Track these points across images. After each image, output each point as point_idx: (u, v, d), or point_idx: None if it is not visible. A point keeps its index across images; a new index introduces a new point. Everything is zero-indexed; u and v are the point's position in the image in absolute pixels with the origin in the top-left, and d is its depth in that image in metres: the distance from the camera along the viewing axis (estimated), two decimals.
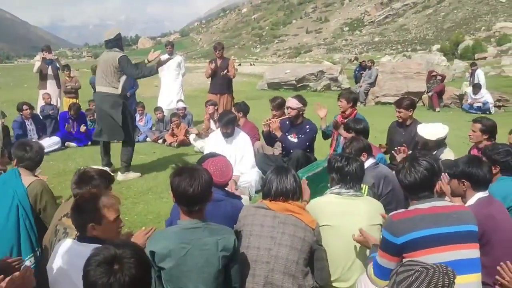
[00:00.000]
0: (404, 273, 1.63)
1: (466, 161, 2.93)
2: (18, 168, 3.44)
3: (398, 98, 13.91)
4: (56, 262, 2.28)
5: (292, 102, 5.42)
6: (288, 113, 5.48)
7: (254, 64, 46.76)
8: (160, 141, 8.62)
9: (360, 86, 15.01)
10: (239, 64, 46.52)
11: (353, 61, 41.70)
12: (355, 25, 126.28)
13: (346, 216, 2.94)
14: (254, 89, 19.80)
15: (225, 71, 8.34)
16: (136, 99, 10.58)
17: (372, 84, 14.99)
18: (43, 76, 9.58)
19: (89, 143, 8.36)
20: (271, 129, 5.51)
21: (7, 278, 1.95)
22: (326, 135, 5.76)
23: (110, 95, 5.84)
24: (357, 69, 16.78)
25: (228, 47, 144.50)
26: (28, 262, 3.04)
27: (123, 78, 5.91)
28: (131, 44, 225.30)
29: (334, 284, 3.01)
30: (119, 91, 5.85)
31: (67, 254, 2.28)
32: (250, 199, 4.99)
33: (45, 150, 7.51)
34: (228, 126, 5.27)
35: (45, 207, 3.23)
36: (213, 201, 2.86)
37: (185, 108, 9.06)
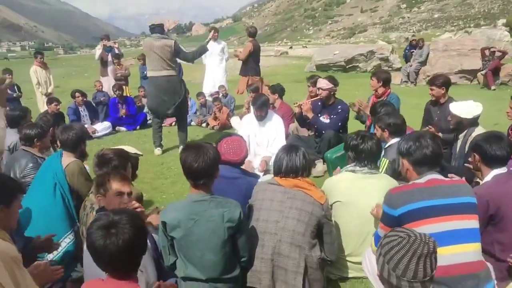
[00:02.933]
0: (389, 237, 1.71)
1: (482, 136, 2.92)
2: (61, 150, 3.77)
3: (451, 76, 13.48)
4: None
5: (322, 83, 5.45)
6: (319, 94, 5.50)
7: (306, 47, 46.19)
8: (204, 124, 8.95)
9: (411, 65, 14.49)
10: (290, 47, 46.28)
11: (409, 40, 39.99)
12: (413, 1, 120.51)
13: (359, 193, 3.02)
14: (302, 72, 19.64)
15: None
16: None
17: (423, 63, 14.43)
18: (104, 63, 10.40)
19: (138, 127, 8.86)
20: (302, 111, 5.56)
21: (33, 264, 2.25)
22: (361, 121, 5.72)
23: (174, 76, 6.46)
24: (407, 48, 16.16)
25: (280, 30, 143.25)
26: (68, 238, 3.31)
27: (177, 61, 6.55)
28: (185, 31, 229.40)
29: (347, 259, 3.12)
30: (177, 73, 6.57)
31: None
32: None
33: (97, 134, 8.19)
34: (262, 109, 5.40)
35: (80, 186, 3.49)
36: (229, 179, 3.05)
37: (218, 92, 9.41)
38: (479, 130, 4.12)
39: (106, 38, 10.54)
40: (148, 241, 2.15)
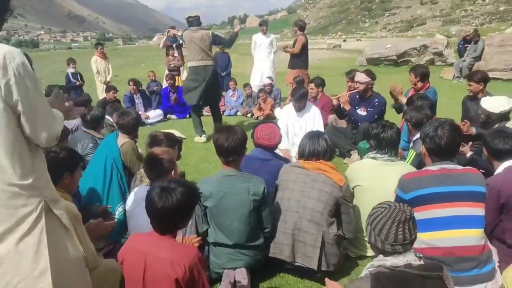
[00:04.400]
0: (375, 209, 1.97)
1: (491, 132, 3.08)
2: (117, 131, 4.28)
3: (506, 73, 12.99)
4: (130, 200, 3.01)
5: (360, 77, 5.64)
6: (357, 87, 5.70)
7: (360, 40, 45.39)
8: (249, 115, 9.33)
9: (464, 61, 14.08)
10: (344, 40, 45.65)
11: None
12: None
13: (378, 178, 3.26)
14: (353, 65, 19.48)
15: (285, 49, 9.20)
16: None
17: (478, 58, 13.98)
18: (168, 53, 10.90)
19: (188, 115, 9.38)
20: (340, 103, 5.78)
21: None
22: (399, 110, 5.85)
23: (213, 65, 7.01)
24: (461, 43, 15.63)
25: (335, 23, 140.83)
26: (120, 208, 3.76)
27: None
28: (239, 23, 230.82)
29: (366, 239, 3.37)
30: (214, 63, 7.13)
31: (139, 194, 3.01)
32: None
33: (150, 121, 8.80)
34: (301, 100, 5.67)
35: (133, 162, 3.96)
36: (262, 160, 3.42)
37: (271, 84, 9.59)
38: (509, 125, 4.21)
39: (171, 28, 11.11)
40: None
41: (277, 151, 5.40)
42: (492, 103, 4.26)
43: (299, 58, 9.13)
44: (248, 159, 3.30)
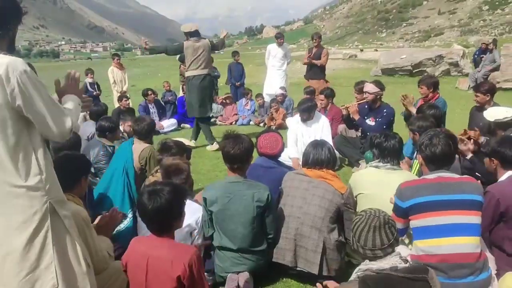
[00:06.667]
0: (356, 217, 2.08)
1: (498, 141, 3.11)
2: (132, 138, 4.46)
3: None
4: None
5: (369, 87, 5.72)
6: (366, 98, 5.78)
7: (377, 50, 45.29)
8: (262, 124, 9.46)
9: (479, 71, 14.00)
10: (361, 50, 45.60)
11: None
12: (497, 3, 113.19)
13: (380, 186, 3.32)
14: (367, 76, 19.51)
15: (309, 59, 9.30)
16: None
17: (495, 69, 13.88)
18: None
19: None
20: (350, 113, 5.87)
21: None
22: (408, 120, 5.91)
23: (207, 75, 7.17)
24: (477, 53, 15.55)
25: (352, 33, 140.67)
26: (130, 214, 3.88)
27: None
28: (256, 34, 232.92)
29: None
30: (211, 72, 7.38)
31: None
32: None
33: (164, 130, 9.01)
34: (304, 113, 5.79)
35: (151, 167, 4.13)
36: (265, 167, 3.53)
37: (283, 95, 9.72)
38: None
39: None
40: None
41: (287, 159, 5.55)
42: (490, 112, 4.33)
43: (323, 70, 9.30)
44: (252, 167, 3.43)
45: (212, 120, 9.00)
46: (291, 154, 5.74)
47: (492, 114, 4.13)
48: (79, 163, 2.88)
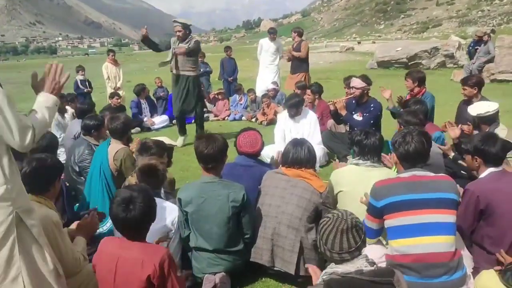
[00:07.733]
0: (323, 219, 2.02)
1: (480, 139, 3.07)
2: (109, 138, 4.39)
3: None
4: None
5: (356, 82, 5.68)
6: (353, 93, 5.74)
7: (375, 42, 45.11)
8: (254, 119, 9.43)
9: (473, 63, 13.93)
10: (358, 43, 45.42)
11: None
12: None
13: (360, 184, 3.29)
14: (363, 69, 19.45)
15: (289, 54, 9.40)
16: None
17: (490, 60, 13.82)
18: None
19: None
20: (337, 108, 5.82)
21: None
22: (395, 115, 5.88)
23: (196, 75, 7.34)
24: (471, 44, 15.46)
25: (350, 25, 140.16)
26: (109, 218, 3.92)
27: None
28: (254, 27, 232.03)
29: None
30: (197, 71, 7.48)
31: None
32: None
33: (156, 127, 8.97)
34: (291, 108, 5.76)
35: (127, 169, 4.05)
36: (245, 166, 3.50)
37: (275, 89, 9.68)
38: (498, 130, 4.21)
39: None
40: None
41: (270, 155, 5.51)
42: (474, 106, 4.31)
43: (304, 62, 9.23)
44: (232, 166, 3.40)
45: (205, 116, 8.95)
46: (280, 149, 5.71)
47: (475, 109, 4.10)
48: (52, 166, 2.84)
